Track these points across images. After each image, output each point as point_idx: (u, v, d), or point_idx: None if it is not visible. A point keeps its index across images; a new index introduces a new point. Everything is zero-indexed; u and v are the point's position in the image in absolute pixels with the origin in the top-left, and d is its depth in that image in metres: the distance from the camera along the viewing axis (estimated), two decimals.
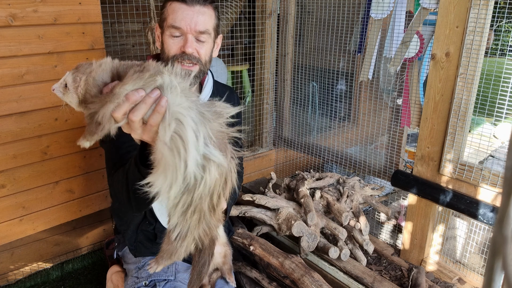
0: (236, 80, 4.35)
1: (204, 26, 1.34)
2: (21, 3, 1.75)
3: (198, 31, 1.33)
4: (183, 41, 1.34)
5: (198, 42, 1.36)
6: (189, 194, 0.89)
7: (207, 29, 1.36)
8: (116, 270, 1.77)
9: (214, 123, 0.89)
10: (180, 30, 1.33)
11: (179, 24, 1.32)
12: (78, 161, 2.10)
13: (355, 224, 2.10)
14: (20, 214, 1.97)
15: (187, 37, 1.33)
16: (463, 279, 2.01)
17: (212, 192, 0.91)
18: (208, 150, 0.86)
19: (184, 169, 0.84)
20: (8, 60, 1.77)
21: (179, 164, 0.83)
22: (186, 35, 1.33)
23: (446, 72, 1.86)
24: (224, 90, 1.68)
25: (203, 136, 0.85)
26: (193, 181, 0.87)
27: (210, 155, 0.86)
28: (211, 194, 0.91)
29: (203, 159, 0.86)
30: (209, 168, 0.87)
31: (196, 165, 0.85)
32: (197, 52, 1.36)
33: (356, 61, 2.67)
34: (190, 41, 1.33)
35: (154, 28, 2.26)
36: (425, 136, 1.98)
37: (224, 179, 0.92)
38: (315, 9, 2.73)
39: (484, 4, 1.70)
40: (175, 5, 1.33)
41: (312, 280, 1.72)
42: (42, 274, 2.29)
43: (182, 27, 1.32)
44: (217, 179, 0.89)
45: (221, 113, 0.93)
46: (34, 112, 1.90)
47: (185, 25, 1.32)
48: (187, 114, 0.84)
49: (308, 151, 2.91)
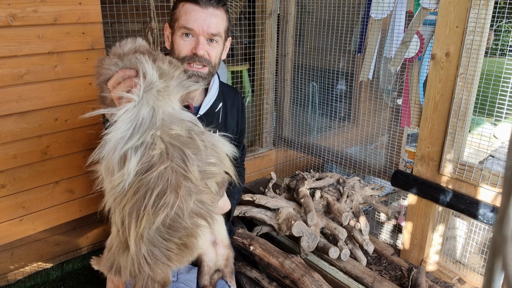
0: (236, 80, 4.35)
1: (216, 28, 1.34)
2: (21, 3, 1.75)
3: (211, 33, 1.33)
4: (195, 43, 1.33)
5: (209, 44, 1.36)
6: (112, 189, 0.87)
7: (219, 32, 1.35)
8: None
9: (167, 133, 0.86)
10: (193, 31, 1.32)
11: (192, 26, 1.31)
12: (78, 161, 2.10)
13: (355, 224, 2.10)
14: (20, 214, 1.97)
15: (199, 39, 1.33)
16: (463, 279, 2.01)
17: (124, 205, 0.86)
18: (130, 154, 0.83)
19: (105, 155, 0.85)
20: (8, 60, 1.77)
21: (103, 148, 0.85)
22: (198, 37, 1.33)
23: (446, 72, 1.86)
24: (230, 91, 1.67)
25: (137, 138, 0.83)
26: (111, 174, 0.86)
27: (128, 159, 0.83)
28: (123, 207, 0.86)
29: (120, 157, 0.84)
30: (119, 170, 0.85)
31: (113, 156, 0.84)
32: (208, 54, 1.36)
33: (356, 61, 2.67)
34: (202, 43, 1.33)
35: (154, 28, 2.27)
36: (425, 136, 1.98)
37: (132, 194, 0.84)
38: (315, 9, 2.73)
39: (484, 4, 1.70)
40: (188, 6, 1.33)
41: (312, 280, 1.72)
42: (42, 274, 2.29)
43: (194, 29, 1.32)
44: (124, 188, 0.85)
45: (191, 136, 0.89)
46: (34, 112, 1.90)
47: (198, 27, 1.31)
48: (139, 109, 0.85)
49: (308, 151, 2.91)
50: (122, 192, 0.84)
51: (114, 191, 0.85)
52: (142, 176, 0.83)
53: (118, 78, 0.94)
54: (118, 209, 0.87)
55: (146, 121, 0.84)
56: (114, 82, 0.95)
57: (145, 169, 0.83)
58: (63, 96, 1.96)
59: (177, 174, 0.85)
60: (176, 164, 0.86)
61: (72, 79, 1.98)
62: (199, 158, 0.89)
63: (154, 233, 0.86)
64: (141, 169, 0.83)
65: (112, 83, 0.96)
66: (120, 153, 0.84)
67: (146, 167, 0.83)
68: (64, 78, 1.95)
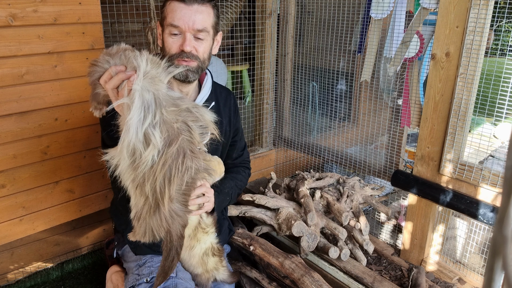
0: (236, 80, 4.35)
1: (202, 24, 1.38)
2: (21, 3, 1.75)
3: (196, 29, 1.37)
4: (182, 40, 1.38)
5: (196, 40, 1.40)
6: (135, 170, 1.02)
7: (205, 27, 1.39)
8: (116, 270, 1.77)
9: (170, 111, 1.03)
10: (179, 28, 1.37)
11: (178, 23, 1.36)
12: (78, 161, 2.10)
13: (355, 224, 2.10)
14: (20, 214, 1.97)
15: (186, 35, 1.37)
16: (463, 279, 2.01)
17: (155, 175, 1.02)
18: (151, 130, 0.99)
19: (127, 140, 0.98)
20: (8, 60, 1.77)
21: (124, 135, 0.99)
22: (185, 33, 1.37)
23: (446, 72, 1.86)
24: (222, 92, 1.69)
25: (152, 117, 0.99)
26: (136, 156, 1.00)
27: (151, 135, 0.99)
28: (154, 177, 1.02)
29: (143, 136, 0.99)
30: (147, 146, 0.99)
31: (136, 138, 0.98)
32: (196, 50, 1.40)
33: (356, 61, 2.67)
34: (189, 39, 1.37)
35: (154, 28, 2.27)
36: (425, 136, 1.98)
37: (162, 165, 1.01)
38: (315, 9, 2.73)
39: (484, 4, 1.70)
40: (174, 4, 1.37)
41: (312, 280, 1.72)
42: (42, 274, 2.29)
43: (180, 26, 1.36)
44: (155, 160, 1.01)
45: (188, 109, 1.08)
46: (34, 112, 1.90)
47: (183, 24, 1.36)
48: (142, 95, 0.99)
49: (308, 151, 2.91)
50: (153, 164, 1.01)
51: (143, 167, 1.00)
52: (167, 149, 1.02)
53: (110, 73, 1.04)
54: (149, 180, 1.02)
55: (152, 104, 1.00)
56: (106, 77, 1.05)
57: (167, 142, 1.02)
58: (63, 96, 1.96)
59: (188, 142, 1.07)
60: (185, 135, 1.06)
61: (72, 79, 1.98)
62: (196, 125, 1.10)
63: (177, 192, 1.08)
64: (164, 144, 1.01)
65: (105, 78, 1.06)
66: (142, 133, 0.98)
67: (167, 141, 1.02)
68: (64, 78, 1.95)
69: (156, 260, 1.55)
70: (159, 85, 1.04)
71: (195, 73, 1.43)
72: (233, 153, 1.76)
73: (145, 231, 1.10)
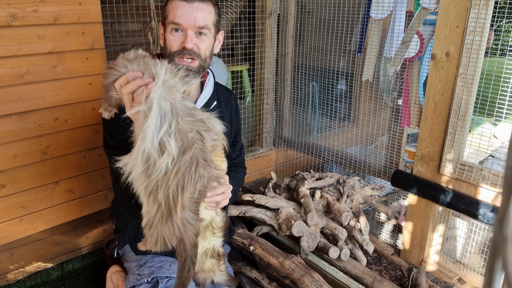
0: (236, 80, 4.35)
1: (203, 21, 1.39)
2: (21, 3, 1.75)
3: (198, 26, 1.38)
4: (183, 37, 1.39)
5: (198, 38, 1.41)
6: (148, 177, 1.02)
7: (206, 25, 1.40)
8: (116, 270, 1.77)
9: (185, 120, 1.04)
10: (180, 26, 1.38)
11: (179, 20, 1.37)
12: (78, 161, 2.10)
13: (355, 224, 2.10)
14: (20, 214, 1.97)
15: (187, 32, 1.38)
16: (463, 279, 2.01)
17: (168, 182, 1.02)
18: (166, 139, 0.99)
19: (143, 147, 0.98)
20: (8, 60, 1.77)
21: (140, 143, 0.99)
22: (186, 30, 1.38)
23: (446, 72, 1.86)
24: (224, 92, 1.70)
25: (168, 126, 1.00)
26: (150, 163, 1.00)
27: (166, 143, 0.99)
28: (167, 185, 1.02)
29: (159, 144, 0.99)
30: (162, 154, 1.00)
31: (152, 146, 0.99)
32: (197, 47, 1.41)
33: (356, 61, 2.67)
34: (190, 36, 1.39)
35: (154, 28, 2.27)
36: (425, 136, 1.98)
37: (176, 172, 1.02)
38: (315, 9, 2.73)
39: (484, 4, 1.70)
40: (175, 2, 1.39)
41: (312, 280, 1.72)
42: (42, 274, 2.29)
43: (181, 23, 1.37)
44: (168, 168, 1.01)
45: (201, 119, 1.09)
46: (34, 112, 1.90)
47: (185, 21, 1.37)
48: (160, 103, 0.99)
49: (308, 151, 2.91)
50: (166, 171, 1.01)
51: (156, 174, 1.01)
52: (181, 157, 1.02)
53: (128, 78, 1.04)
54: (162, 188, 1.03)
55: (168, 113, 1.01)
56: (122, 81, 1.04)
57: (181, 151, 1.02)
58: (63, 96, 1.96)
59: (201, 151, 1.08)
60: (198, 144, 1.07)
61: (72, 79, 1.98)
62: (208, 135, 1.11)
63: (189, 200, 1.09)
64: (178, 152, 1.02)
65: (121, 82, 1.05)
66: (157, 141, 0.99)
67: (181, 149, 1.02)
68: (64, 78, 1.95)
69: (157, 260, 1.55)
70: (176, 94, 1.05)
71: (197, 73, 1.44)
72: (233, 153, 1.76)
73: (157, 240, 1.09)
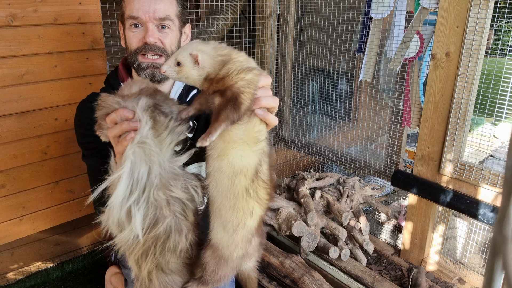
0: None
1: (164, 12, 1.26)
2: (21, 3, 1.75)
3: (158, 18, 1.25)
4: (144, 32, 1.26)
5: (160, 31, 1.27)
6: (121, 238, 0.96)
7: (168, 16, 1.27)
8: (115, 272, 1.76)
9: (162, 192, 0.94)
10: (139, 19, 1.25)
11: (137, 14, 1.24)
12: (78, 161, 2.10)
13: (355, 224, 2.10)
14: (20, 214, 1.97)
15: (148, 26, 1.25)
16: (463, 279, 2.01)
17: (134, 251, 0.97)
18: (134, 210, 0.91)
19: (112, 217, 0.93)
20: (8, 60, 1.77)
21: (108, 211, 0.93)
22: (146, 24, 1.25)
23: (446, 72, 1.85)
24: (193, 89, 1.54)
25: (138, 195, 0.90)
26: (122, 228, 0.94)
27: (133, 216, 0.91)
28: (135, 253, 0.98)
29: (126, 213, 0.91)
30: (128, 224, 0.92)
31: (120, 215, 0.91)
32: (161, 42, 1.27)
33: (356, 61, 2.67)
34: (151, 30, 1.25)
35: None
36: (425, 136, 1.98)
37: (142, 244, 0.95)
38: (315, 9, 2.73)
39: (484, 4, 1.70)
40: None
41: (312, 279, 1.72)
42: (42, 274, 2.29)
43: (140, 16, 1.24)
44: (129, 240, 0.94)
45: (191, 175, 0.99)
46: (34, 112, 1.90)
47: (143, 14, 1.24)
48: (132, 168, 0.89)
49: (308, 151, 2.91)
50: (132, 243, 0.95)
51: (123, 243, 0.96)
52: (150, 231, 0.94)
53: (116, 118, 0.93)
54: (131, 255, 1.00)
55: (143, 178, 0.90)
56: (111, 121, 0.94)
57: (151, 223, 0.93)
58: (63, 96, 1.96)
59: (178, 219, 0.98)
60: (177, 213, 0.97)
61: (72, 79, 1.98)
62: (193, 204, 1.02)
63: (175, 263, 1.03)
64: (148, 224, 0.93)
65: (110, 120, 0.95)
66: (125, 210, 0.91)
67: (151, 222, 0.93)
68: (64, 78, 1.95)
69: None
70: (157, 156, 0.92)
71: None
72: None
73: None
